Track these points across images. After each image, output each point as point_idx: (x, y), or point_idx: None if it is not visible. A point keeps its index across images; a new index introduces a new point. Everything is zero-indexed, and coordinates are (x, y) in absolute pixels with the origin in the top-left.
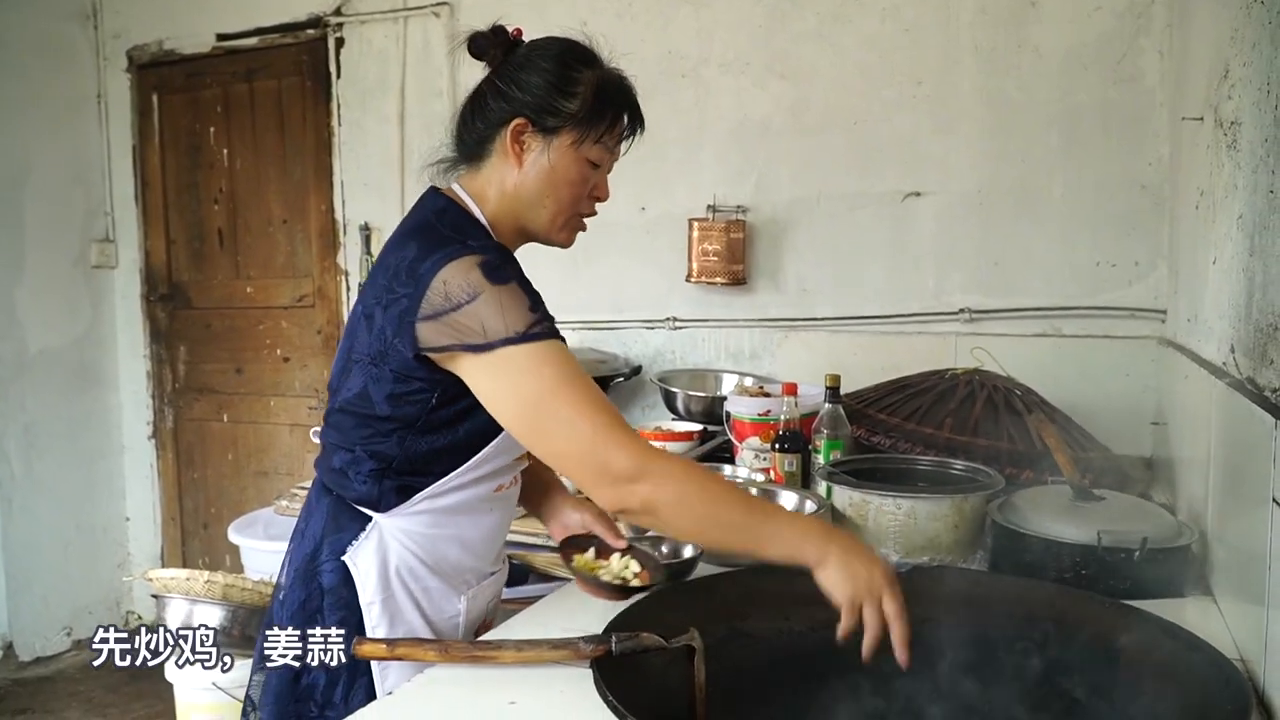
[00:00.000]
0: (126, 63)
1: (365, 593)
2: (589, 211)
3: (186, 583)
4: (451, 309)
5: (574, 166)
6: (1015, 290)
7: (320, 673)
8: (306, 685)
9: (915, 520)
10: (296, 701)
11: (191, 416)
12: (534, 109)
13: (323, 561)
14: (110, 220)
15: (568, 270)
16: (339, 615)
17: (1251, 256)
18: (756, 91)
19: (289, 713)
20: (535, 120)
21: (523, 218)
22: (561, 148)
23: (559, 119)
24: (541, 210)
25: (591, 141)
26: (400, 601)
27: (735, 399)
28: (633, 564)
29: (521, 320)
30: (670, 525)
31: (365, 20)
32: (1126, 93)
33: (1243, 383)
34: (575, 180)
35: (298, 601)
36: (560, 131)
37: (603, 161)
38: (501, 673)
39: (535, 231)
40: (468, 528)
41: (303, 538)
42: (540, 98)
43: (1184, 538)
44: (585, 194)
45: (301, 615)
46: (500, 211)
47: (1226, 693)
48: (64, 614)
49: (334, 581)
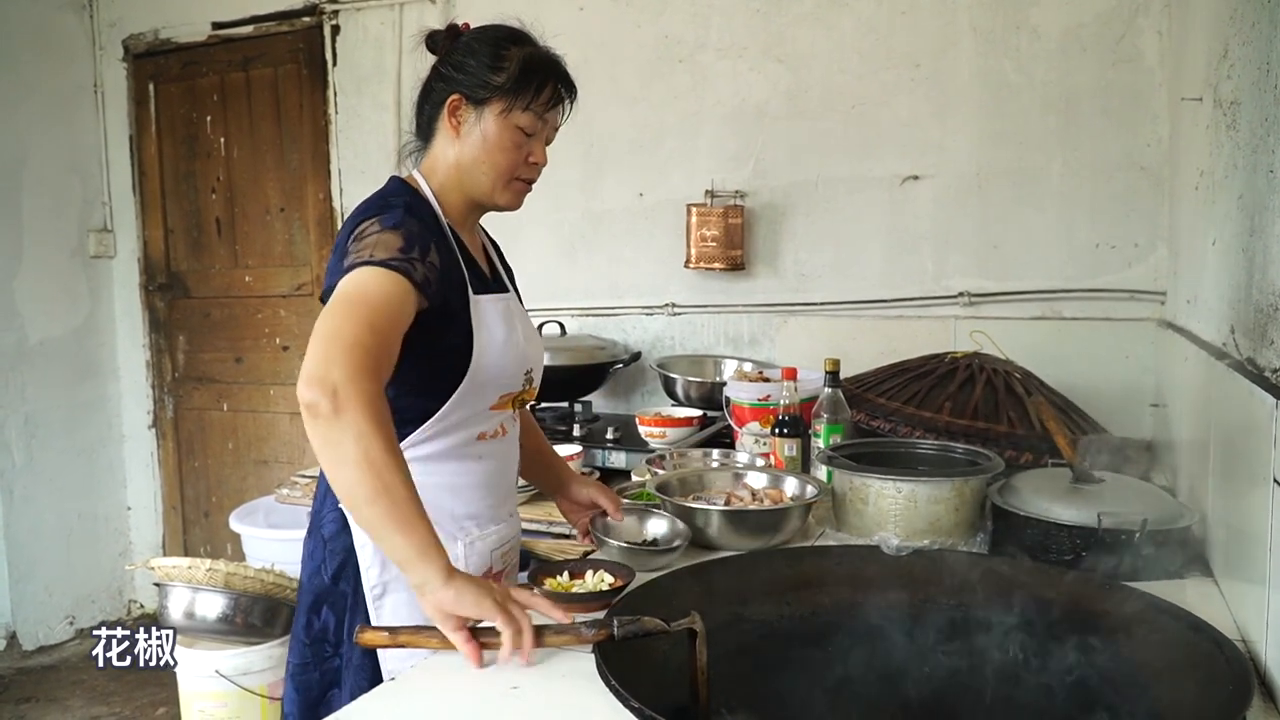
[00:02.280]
0: (122, 52)
1: (360, 533)
2: (528, 175)
3: (188, 571)
4: (354, 242)
5: (505, 133)
6: (1014, 273)
7: (329, 615)
8: (319, 628)
9: (916, 504)
10: (313, 643)
11: (191, 405)
12: (467, 86)
13: (326, 513)
14: (108, 210)
15: (567, 257)
16: (339, 559)
17: (1252, 237)
18: (754, 76)
19: (308, 654)
20: (469, 95)
21: (465, 185)
22: (492, 116)
23: (488, 90)
24: (481, 176)
25: (520, 109)
26: None
27: (735, 384)
28: (606, 576)
29: (386, 253)
30: (328, 450)
31: (361, 7)
32: (1125, 73)
33: (1243, 363)
34: (508, 146)
35: (308, 553)
36: (489, 102)
37: (533, 128)
38: None
39: (478, 196)
40: (456, 474)
41: (315, 499)
42: (473, 75)
43: (1184, 519)
44: (521, 159)
45: (310, 565)
46: (446, 182)
47: (1228, 673)
48: (67, 603)
49: (333, 529)
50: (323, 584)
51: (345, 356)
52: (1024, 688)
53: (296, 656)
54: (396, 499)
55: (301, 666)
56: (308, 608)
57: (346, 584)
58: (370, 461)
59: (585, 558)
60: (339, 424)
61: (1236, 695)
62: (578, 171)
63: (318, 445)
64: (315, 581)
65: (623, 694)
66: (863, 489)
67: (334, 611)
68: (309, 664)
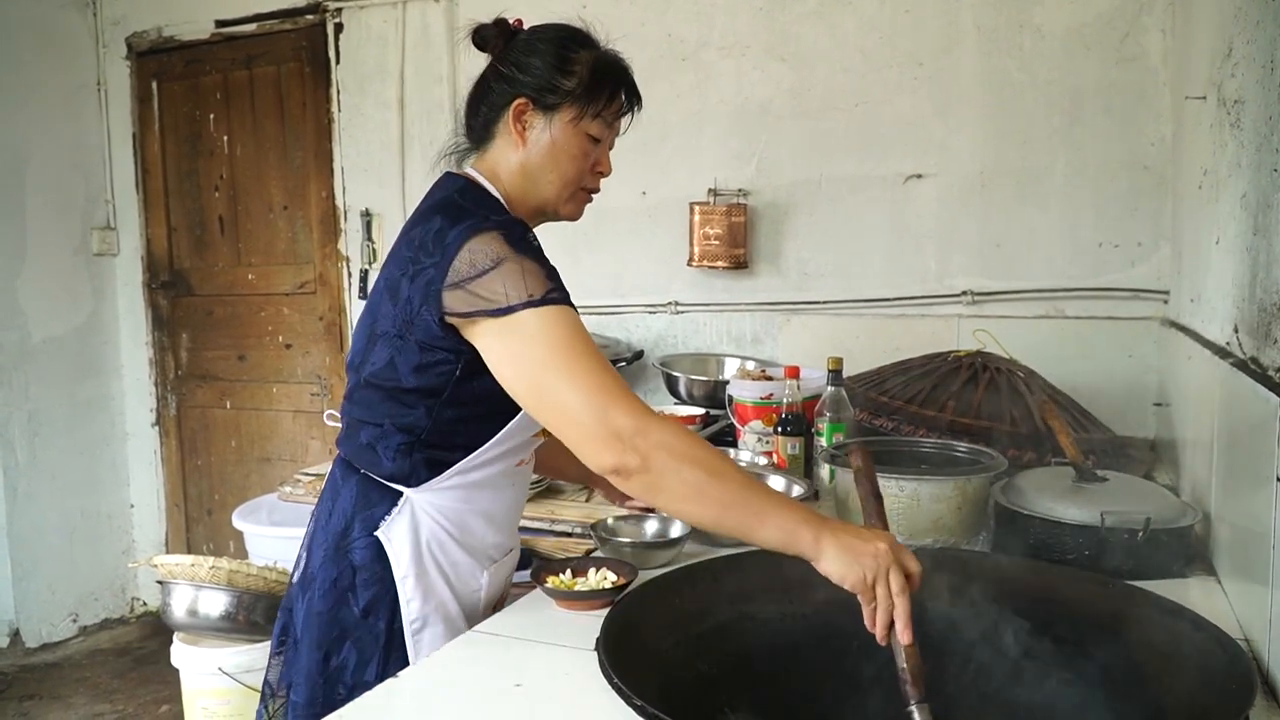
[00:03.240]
0: (126, 50)
1: (399, 566)
2: (593, 185)
3: (192, 569)
4: (476, 275)
5: (575, 141)
6: (1017, 272)
7: (351, 653)
8: (337, 666)
9: (919, 502)
10: (326, 682)
11: (194, 403)
12: (534, 89)
13: (355, 539)
14: (111, 208)
15: (570, 255)
16: (372, 591)
17: (1255, 235)
18: (757, 74)
19: (319, 693)
20: (536, 99)
21: (530, 193)
22: (562, 123)
23: (558, 96)
24: (546, 185)
25: (590, 116)
26: (431, 575)
27: (738, 383)
28: (609, 574)
29: (539, 287)
30: (665, 491)
31: (364, 5)
32: (1129, 72)
33: (1246, 363)
34: (577, 154)
35: (329, 580)
36: (560, 108)
37: (602, 136)
38: (507, 655)
39: (543, 206)
40: (491, 502)
41: (330, 517)
42: (540, 78)
43: (1187, 518)
44: (588, 168)
45: (333, 594)
46: (512, 189)
47: (1231, 672)
48: (70, 600)
49: (366, 558)
50: (351, 617)
51: (615, 406)
52: (1026, 686)
53: (304, 694)
54: (746, 497)
55: (309, 704)
56: (327, 640)
57: (380, 619)
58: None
59: (588, 555)
60: (652, 472)
61: (1239, 694)
62: None
63: (649, 500)
64: (342, 614)
65: (625, 692)
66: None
67: (357, 649)
68: (317, 702)
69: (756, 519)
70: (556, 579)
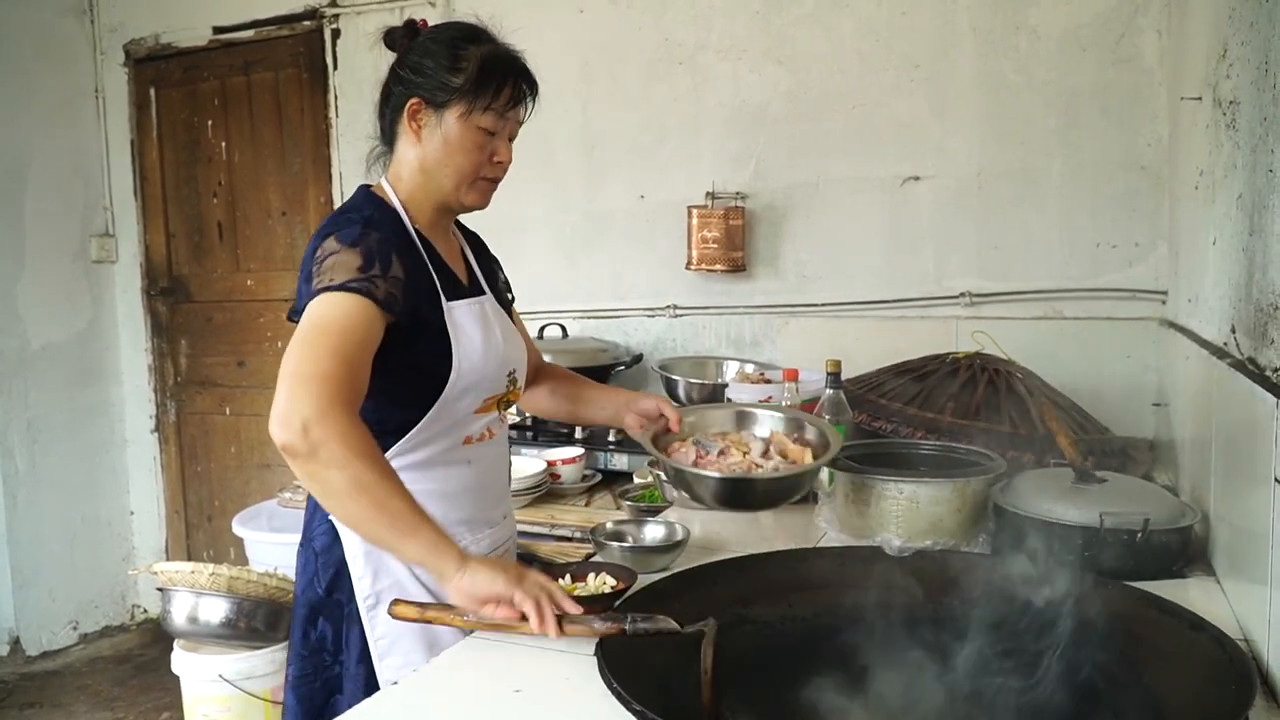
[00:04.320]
0: (123, 57)
1: (350, 545)
2: (494, 175)
3: (192, 576)
4: (315, 265)
5: (467, 135)
6: (1015, 273)
7: (326, 626)
8: (317, 638)
9: (918, 504)
10: (311, 654)
11: (194, 410)
12: (426, 89)
13: (316, 525)
14: (110, 215)
15: (568, 259)
16: (331, 572)
17: (1252, 236)
18: (754, 77)
19: (307, 665)
20: (428, 98)
21: (431, 189)
22: (453, 119)
23: (447, 93)
24: (445, 179)
25: (480, 110)
26: (382, 554)
27: (737, 386)
28: (608, 579)
29: (344, 275)
30: (324, 481)
31: (361, 11)
32: (1125, 73)
33: (1244, 363)
34: (470, 148)
35: (300, 566)
36: (450, 105)
37: (496, 128)
38: (507, 660)
39: (445, 199)
40: (444, 480)
41: (308, 510)
42: (431, 78)
43: (1186, 518)
44: (485, 159)
45: (303, 578)
46: (413, 188)
47: (1230, 672)
48: (70, 608)
49: (325, 542)
50: (317, 596)
51: (311, 392)
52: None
53: (296, 668)
54: (392, 512)
55: (302, 678)
56: (304, 620)
57: (341, 595)
58: (358, 486)
59: (587, 560)
60: (317, 461)
61: (1239, 694)
62: (579, 173)
63: (304, 483)
64: (310, 594)
65: (625, 697)
66: (865, 490)
67: (330, 622)
68: (309, 674)
69: (409, 530)
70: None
